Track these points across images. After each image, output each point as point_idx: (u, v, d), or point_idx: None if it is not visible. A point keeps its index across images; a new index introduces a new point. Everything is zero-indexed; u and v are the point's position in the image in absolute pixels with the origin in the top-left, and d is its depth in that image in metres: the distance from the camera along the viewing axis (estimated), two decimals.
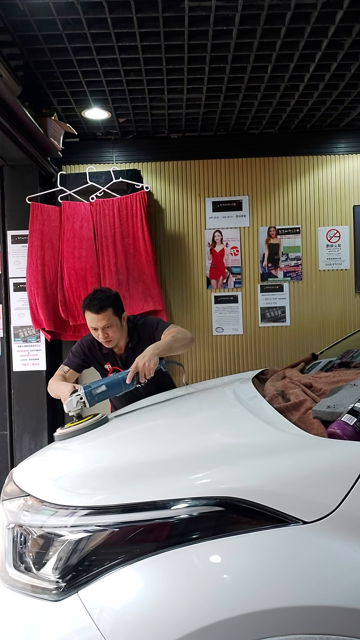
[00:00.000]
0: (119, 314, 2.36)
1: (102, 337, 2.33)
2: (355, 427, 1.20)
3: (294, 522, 1.04)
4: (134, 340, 2.43)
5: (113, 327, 2.32)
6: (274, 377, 2.12)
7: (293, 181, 3.88)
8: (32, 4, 2.25)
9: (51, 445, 1.76)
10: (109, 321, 2.29)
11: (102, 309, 2.27)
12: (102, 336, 2.32)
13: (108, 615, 1.03)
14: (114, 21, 2.40)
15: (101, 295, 2.31)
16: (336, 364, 2.25)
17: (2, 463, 3.52)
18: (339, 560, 1.01)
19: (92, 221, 3.45)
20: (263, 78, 2.99)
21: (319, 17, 2.41)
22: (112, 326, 2.31)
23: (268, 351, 3.89)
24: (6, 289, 3.53)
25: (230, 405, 1.80)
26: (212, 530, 1.06)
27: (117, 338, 2.36)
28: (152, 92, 3.14)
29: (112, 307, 2.31)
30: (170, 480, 1.18)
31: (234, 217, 3.89)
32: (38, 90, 3.08)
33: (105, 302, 2.28)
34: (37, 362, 3.50)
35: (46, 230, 3.41)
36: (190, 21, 2.41)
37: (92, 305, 2.28)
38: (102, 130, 3.74)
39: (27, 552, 1.19)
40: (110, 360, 2.47)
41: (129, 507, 1.13)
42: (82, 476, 1.33)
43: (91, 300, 2.30)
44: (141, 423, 1.85)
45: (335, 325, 3.90)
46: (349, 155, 3.88)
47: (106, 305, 2.28)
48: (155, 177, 3.88)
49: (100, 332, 2.31)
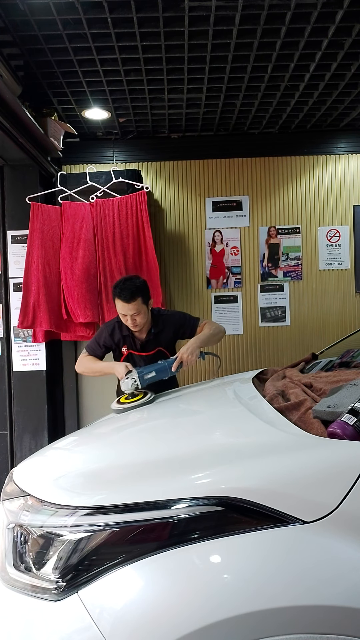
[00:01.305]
0: (147, 301, 2.50)
1: (130, 323, 2.48)
2: (356, 426, 1.20)
3: (294, 522, 1.04)
4: (158, 327, 2.59)
5: (141, 314, 2.46)
6: (274, 377, 2.12)
7: (293, 181, 3.88)
8: (33, 4, 2.25)
9: (51, 445, 1.76)
10: (138, 309, 2.44)
11: (133, 298, 2.41)
12: (130, 322, 2.47)
13: (108, 615, 1.03)
14: (114, 21, 2.40)
15: (131, 285, 2.43)
16: (336, 364, 2.25)
17: (2, 463, 3.52)
18: (339, 560, 1.01)
19: (92, 221, 3.45)
20: (263, 78, 2.99)
21: (319, 17, 2.41)
22: (140, 313, 2.46)
23: (268, 351, 3.89)
24: (6, 289, 3.53)
25: (231, 405, 1.80)
26: (213, 530, 1.06)
27: (143, 324, 2.52)
28: (152, 92, 3.14)
29: (141, 296, 2.45)
30: (170, 480, 1.18)
31: (234, 217, 3.89)
32: (38, 90, 3.08)
33: (135, 292, 2.42)
34: (37, 362, 3.50)
35: (46, 230, 3.40)
36: (191, 21, 2.41)
37: (122, 294, 2.41)
38: (102, 130, 3.74)
39: (27, 552, 1.19)
40: (128, 342, 2.60)
41: (129, 507, 1.13)
42: (82, 476, 1.33)
43: (122, 290, 2.42)
44: (141, 423, 1.85)
45: (335, 325, 3.90)
46: (349, 155, 3.88)
47: (136, 295, 2.42)
48: (155, 177, 3.88)
49: (129, 318, 2.46)
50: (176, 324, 2.62)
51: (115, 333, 2.60)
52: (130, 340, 2.59)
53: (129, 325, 2.50)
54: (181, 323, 2.62)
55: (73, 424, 3.74)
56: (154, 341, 2.57)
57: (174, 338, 2.65)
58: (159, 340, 2.59)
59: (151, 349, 2.58)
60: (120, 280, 2.52)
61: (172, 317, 2.66)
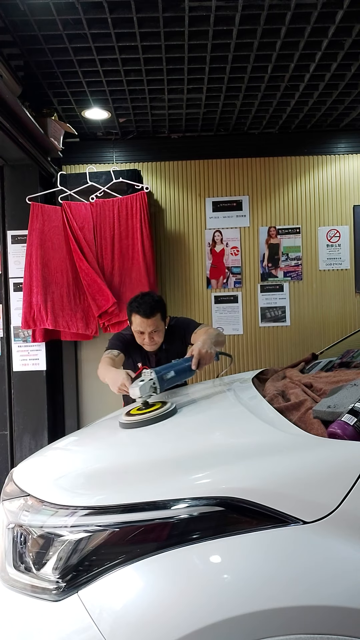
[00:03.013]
0: (164, 318, 2.37)
1: (147, 341, 2.32)
2: (356, 427, 1.20)
3: (294, 522, 1.04)
4: (169, 341, 2.44)
5: (159, 331, 2.33)
6: (274, 377, 2.12)
7: (293, 181, 3.88)
8: (33, 4, 2.25)
9: (51, 445, 1.76)
10: (157, 326, 2.30)
11: (152, 313, 2.26)
12: (147, 340, 2.31)
13: (108, 615, 1.03)
14: (114, 21, 2.40)
15: (150, 300, 2.29)
16: (336, 364, 2.26)
17: (2, 463, 3.52)
18: (339, 560, 1.01)
19: (92, 222, 3.45)
20: (263, 78, 2.99)
21: (319, 17, 2.41)
22: (158, 331, 2.32)
23: (268, 351, 3.89)
24: (6, 289, 3.53)
25: (231, 405, 1.79)
26: (213, 530, 1.06)
27: (160, 342, 2.37)
28: (152, 92, 3.14)
29: (160, 311, 2.31)
30: (170, 480, 1.17)
31: (234, 217, 3.88)
32: (38, 90, 3.08)
33: (155, 307, 2.27)
34: (37, 362, 3.50)
35: (47, 230, 3.40)
36: (191, 21, 2.41)
37: (141, 309, 2.26)
38: (102, 130, 3.74)
39: (27, 552, 1.19)
40: (142, 360, 2.45)
41: (129, 507, 1.13)
42: (82, 476, 1.33)
43: (140, 305, 2.27)
44: None
45: (335, 325, 3.90)
46: (349, 155, 3.88)
47: (155, 310, 2.27)
48: (155, 177, 3.88)
49: (146, 336, 2.30)
50: (181, 332, 2.48)
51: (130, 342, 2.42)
52: (144, 357, 2.45)
53: (145, 344, 2.34)
54: (184, 329, 2.48)
55: (73, 424, 3.74)
56: (166, 357, 2.39)
57: (183, 346, 2.51)
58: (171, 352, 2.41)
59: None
60: (137, 295, 2.36)
61: (177, 325, 2.52)
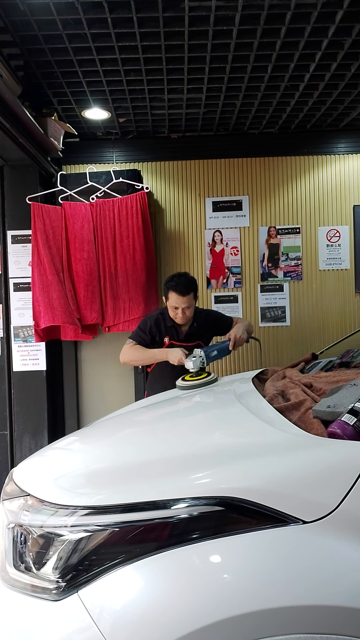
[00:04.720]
0: (196, 297, 2.73)
1: (180, 316, 2.67)
2: (356, 426, 1.20)
3: (294, 522, 1.04)
4: (199, 322, 2.82)
5: (191, 308, 2.68)
6: (274, 377, 2.12)
7: (293, 181, 3.89)
8: (33, 4, 2.25)
9: (51, 445, 1.76)
10: (190, 303, 2.65)
11: (188, 292, 2.62)
12: (180, 315, 2.66)
13: (108, 615, 1.03)
14: (114, 21, 2.40)
15: (185, 280, 2.65)
16: (336, 364, 2.25)
17: (2, 463, 3.52)
18: (339, 560, 1.01)
19: (92, 222, 3.45)
20: (263, 78, 2.99)
21: (319, 17, 2.41)
22: (190, 307, 2.67)
23: (268, 351, 3.89)
24: (6, 289, 3.53)
25: (230, 405, 1.79)
26: (212, 530, 1.06)
27: (191, 317, 2.74)
28: (152, 92, 3.14)
29: (194, 291, 2.66)
30: (170, 480, 1.17)
31: (234, 217, 3.89)
32: (38, 90, 3.08)
33: (190, 287, 2.63)
34: (37, 362, 3.50)
35: (48, 229, 3.40)
36: (191, 21, 2.41)
37: (178, 287, 2.61)
38: (102, 130, 3.74)
39: (27, 552, 1.19)
40: (170, 333, 2.76)
41: (129, 506, 1.13)
42: (82, 476, 1.33)
43: (177, 284, 2.62)
44: (141, 423, 1.85)
45: (335, 325, 3.90)
46: (349, 155, 3.88)
47: (190, 289, 2.63)
48: (155, 177, 3.88)
49: (179, 312, 2.65)
50: (215, 320, 2.87)
51: (159, 323, 2.76)
52: (173, 331, 2.76)
53: (177, 318, 2.68)
54: (219, 319, 2.88)
55: (73, 424, 3.74)
56: (196, 334, 2.79)
57: (212, 333, 2.90)
58: (200, 333, 2.82)
59: (193, 340, 2.79)
60: (175, 275, 2.70)
61: (209, 313, 2.92)
